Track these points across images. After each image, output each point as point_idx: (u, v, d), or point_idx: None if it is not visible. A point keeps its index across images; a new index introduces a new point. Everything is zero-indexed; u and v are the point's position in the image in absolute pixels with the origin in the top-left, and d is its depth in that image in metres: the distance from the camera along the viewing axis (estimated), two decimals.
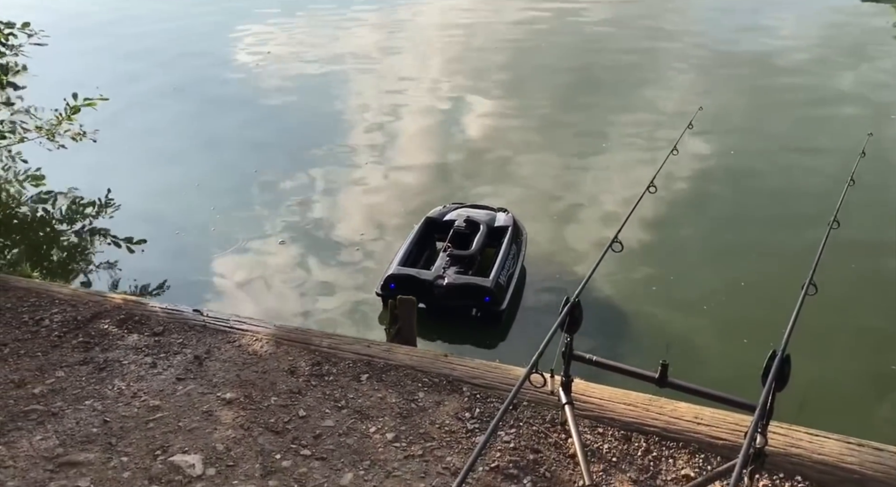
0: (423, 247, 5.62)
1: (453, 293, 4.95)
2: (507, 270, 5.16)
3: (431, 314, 5.00)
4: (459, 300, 4.97)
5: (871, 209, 6.03)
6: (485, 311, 4.97)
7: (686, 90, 9.36)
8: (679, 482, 2.67)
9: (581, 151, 7.68)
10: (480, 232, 5.47)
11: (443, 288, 4.95)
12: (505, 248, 5.29)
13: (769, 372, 2.17)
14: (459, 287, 4.96)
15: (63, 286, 4.46)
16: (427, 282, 4.98)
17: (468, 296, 4.95)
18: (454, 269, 5.14)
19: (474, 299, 4.95)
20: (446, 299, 4.97)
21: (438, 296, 4.95)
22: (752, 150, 7.58)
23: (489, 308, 4.94)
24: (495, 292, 4.92)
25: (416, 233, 5.58)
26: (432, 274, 5.05)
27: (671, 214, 6.26)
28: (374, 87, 9.77)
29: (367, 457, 2.81)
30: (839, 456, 2.68)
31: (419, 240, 5.56)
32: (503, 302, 4.97)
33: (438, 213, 5.81)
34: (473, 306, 4.98)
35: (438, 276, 5.02)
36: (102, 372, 3.37)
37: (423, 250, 5.60)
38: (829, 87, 9.27)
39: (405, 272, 5.09)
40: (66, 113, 5.69)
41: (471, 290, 4.95)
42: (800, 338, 2.38)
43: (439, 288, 4.95)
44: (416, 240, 5.52)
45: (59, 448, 2.88)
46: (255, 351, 3.52)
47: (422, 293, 4.90)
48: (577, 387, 2.94)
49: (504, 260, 5.19)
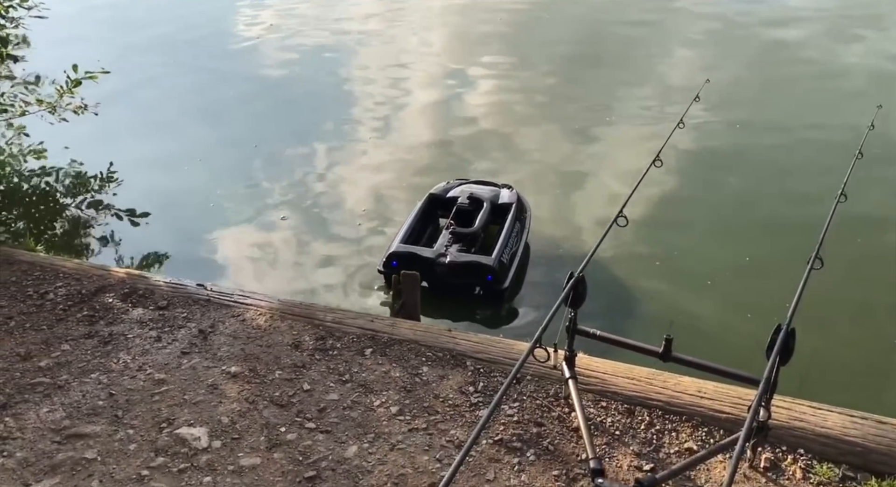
0: (426, 224, 5.57)
1: (455, 271, 4.91)
2: (509, 248, 5.11)
3: (434, 292, 4.98)
4: (461, 278, 4.94)
5: (880, 182, 5.98)
6: (487, 290, 4.94)
7: (693, 62, 9.24)
8: (682, 455, 2.68)
9: (586, 125, 7.60)
10: (484, 209, 5.41)
11: (444, 266, 4.91)
12: (508, 226, 5.23)
13: (773, 346, 2.17)
14: (461, 265, 4.92)
15: (67, 260, 4.46)
16: (429, 260, 4.93)
17: (470, 275, 4.92)
18: (456, 247, 5.09)
19: (476, 277, 4.91)
20: (448, 277, 4.93)
21: (440, 275, 4.92)
22: (760, 123, 7.49)
23: (491, 286, 4.90)
24: (497, 271, 4.88)
25: (419, 209, 5.53)
26: (434, 252, 5.00)
27: (677, 188, 6.21)
28: (376, 61, 9.66)
29: (372, 430, 2.83)
30: (842, 430, 2.68)
31: (422, 217, 5.50)
32: (505, 280, 4.93)
33: (442, 190, 5.74)
34: (476, 284, 4.95)
35: (440, 254, 4.97)
36: (107, 345, 3.39)
37: (425, 227, 5.55)
38: (840, 59, 9.13)
39: (407, 249, 5.06)
40: (67, 86, 5.64)
41: (473, 269, 4.91)
42: (805, 313, 2.37)
43: (441, 266, 4.91)
44: (419, 216, 5.47)
45: (65, 420, 2.90)
46: (259, 326, 3.53)
47: (424, 271, 4.81)
48: (581, 362, 2.94)
49: (507, 238, 5.14)
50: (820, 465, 2.60)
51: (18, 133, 6.50)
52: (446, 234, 5.21)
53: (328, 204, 6.34)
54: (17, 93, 6.41)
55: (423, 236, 5.47)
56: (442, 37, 10.57)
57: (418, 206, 5.56)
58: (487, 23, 11.10)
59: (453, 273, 4.91)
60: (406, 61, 9.60)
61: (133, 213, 6.07)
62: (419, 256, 4.97)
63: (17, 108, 5.99)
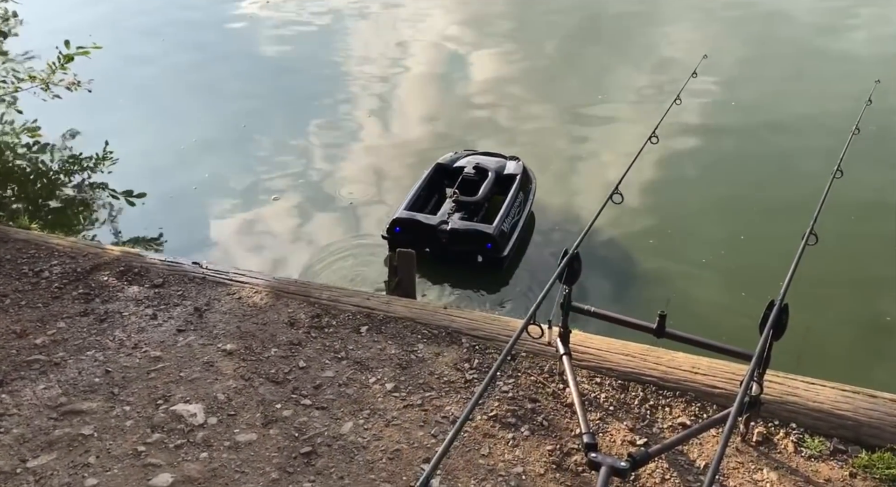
0: (432, 193, 5.67)
1: (456, 238, 5.01)
2: (511, 218, 5.19)
3: (436, 259, 5.09)
4: (462, 245, 5.03)
5: (876, 158, 5.96)
6: (487, 258, 5.02)
7: (691, 38, 9.16)
8: (675, 429, 2.70)
9: (584, 102, 7.56)
10: (488, 179, 5.51)
11: (446, 233, 5.01)
12: (511, 196, 5.31)
13: (767, 322, 2.18)
14: (462, 232, 5.01)
15: (62, 238, 4.44)
16: (431, 227, 5.04)
17: (471, 242, 5.01)
18: (459, 215, 5.18)
19: (477, 245, 4.99)
20: (449, 244, 5.03)
21: (441, 241, 5.02)
22: (757, 99, 7.45)
23: (491, 254, 4.99)
24: (497, 239, 4.96)
25: (426, 177, 5.62)
26: (437, 220, 5.10)
27: (673, 165, 6.19)
28: (374, 39, 9.56)
29: (367, 407, 2.85)
30: (834, 404, 2.70)
31: (428, 186, 5.60)
32: (505, 249, 5.02)
33: (449, 159, 5.84)
34: (476, 252, 5.03)
35: (442, 221, 5.07)
36: (103, 323, 3.39)
37: (431, 195, 5.65)
38: (840, 33, 9.06)
39: (410, 216, 5.15)
40: (59, 61, 5.58)
41: (473, 236, 5.00)
42: (800, 289, 2.38)
43: (443, 233, 5.01)
44: (425, 184, 5.57)
45: (62, 397, 2.91)
46: (254, 304, 3.53)
47: (426, 237, 5.03)
48: (576, 338, 2.95)
49: (509, 207, 5.22)
50: (811, 439, 2.63)
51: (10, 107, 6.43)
52: (449, 203, 5.31)
53: (324, 182, 6.31)
54: (10, 69, 6.34)
55: (429, 204, 5.57)
56: (440, 13, 10.44)
57: (425, 175, 5.65)
58: (487, 2, 10.98)
59: (454, 240, 5.01)
60: (403, 38, 9.51)
61: (129, 194, 6.04)
62: (422, 223, 5.08)
63: (11, 85, 5.94)
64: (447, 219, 5.09)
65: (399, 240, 5.08)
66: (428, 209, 5.46)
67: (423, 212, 5.33)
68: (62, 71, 5.61)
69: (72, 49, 5.44)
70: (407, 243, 5.06)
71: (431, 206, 5.54)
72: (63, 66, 5.56)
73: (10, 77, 5.97)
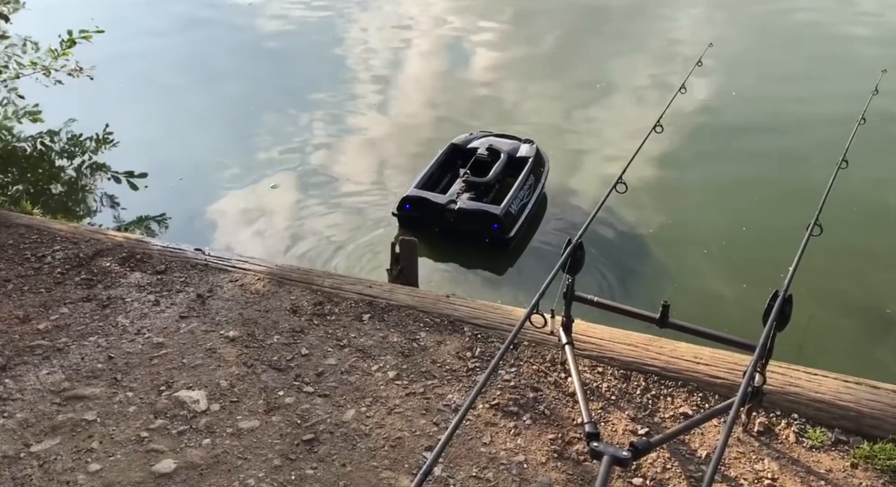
0: (445, 172, 5.74)
1: (463, 218, 5.10)
2: (519, 200, 5.25)
3: (443, 237, 5.19)
4: (469, 225, 5.12)
5: (882, 148, 5.93)
6: (493, 238, 5.09)
7: (697, 25, 9.10)
8: (677, 419, 2.71)
9: (589, 90, 7.52)
10: (500, 160, 5.59)
11: (454, 212, 5.10)
12: (522, 179, 5.37)
13: (770, 313, 2.17)
14: (470, 212, 5.09)
15: (64, 223, 4.44)
16: (439, 206, 5.13)
17: (478, 222, 5.08)
18: (468, 195, 5.26)
19: (483, 225, 5.07)
20: (456, 223, 5.12)
21: (450, 220, 5.11)
22: (763, 88, 7.42)
23: (497, 235, 5.06)
24: (503, 220, 5.03)
25: (439, 157, 5.70)
26: (445, 199, 5.19)
27: (678, 154, 6.17)
28: (376, 24, 9.51)
29: (369, 395, 2.85)
30: (836, 394, 2.70)
31: (441, 165, 5.69)
32: (511, 230, 5.09)
33: (463, 140, 5.91)
34: (483, 232, 5.10)
35: (451, 200, 5.16)
36: (106, 309, 3.39)
37: (444, 174, 5.72)
38: (845, 23, 9.00)
39: (419, 194, 5.24)
40: (61, 47, 5.55)
41: (480, 216, 5.07)
42: (802, 279, 2.37)
43: (450, 212, 5.10)
44: (438, 164, 5.66)
45: (65, 382, 2.92)
46: (257, 290, 3.53)
47: (434, 216, 5.15)
48: (578, 328, 2.95)
49: (518, 189, 5.28)
50: (813, 429, 2.63)
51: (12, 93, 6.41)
52: (460, 182, 5.41)
53: (327, 169, 6.30)
54: (11, 54, 6.31)
55: (441, 184, 5.64)
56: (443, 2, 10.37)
57: (438, 154, 5.73)
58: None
59: (462, 219, 5.11)
60: (406, 25, 9.46)
61: (131, 175, 6.03)
62: (430, 201, 5.18)
63: (12, 71, 5.91)
64: (455, 199, 5.18)
65: (408, 217, 5.23)
66: (439, 188, 5.54)
67: (435, 190, 5.42)
68: (64, 57, 5.58)
69: (74, 34, 5.42)
70: (416, 220, 5.21)
71: (443, 186, 5.61)
72: (65, 52, 5.53)
73: (13, 62, 5.93)
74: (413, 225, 5.29)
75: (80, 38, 5.45)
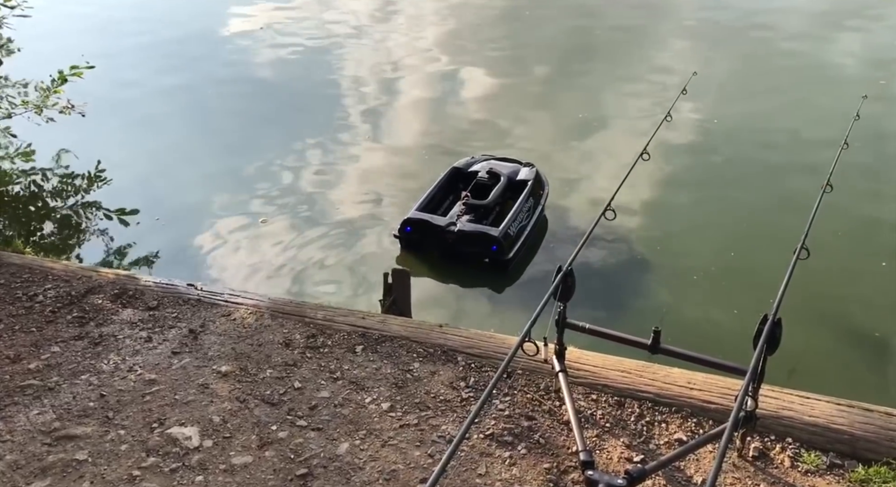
0: (446, 195, 5.86)
1: (463, 240, 5.23)
2: (518, 222, 5.37)
3: (444, 259, 5.31)
4: (469, 246, 5.24)
5: (865, 172, 6.02)
6: (492, 259, 5.20)
7: (682, 55, 9.27)
8: (672, 446, 2.70)
9: (577, 119, 7.62)
10: (500, 183, 5.73)
11: (453, 234, 5.23)
12: (521, 201, 5.50)
13: (760, 336, 2.19)
14: (469, 234, 5.22)
15: (56, 261, 4.44)
16: (439, 228, 5.27)
17: (477, 244, 5.21)
18: (467, 217, 5.39)
19: (482, 247, 5.18)
20: (456, 245, 5.24)
21: (449, 242, 5.24)
22: (747, 115, 7.53)
23: (496, 256, 5.18)
24: (502, 242, 5.15)
25: (441, 180, 5.84)
26: (446, 221, 5.31)
27: (666, 181, 6.24)
28: (368, 59, 9.63)
29: (363, 427, 2.84)
30: (829, 418, 2.71)
31: (443, 188, 5.82)
32: (510, 252, 5.21)
33: (465, 163, 6.06)
34: (482, 254, 5.22)
35: (451, 223, 5.29)
36: (98, 346, 3.38)
37: (445, 197, 5.84)
38: (826, 50, 9.18)
39: (420, 216, 5.37)
40: (53, 84, 5.60)
41: (479, 238, 5.20)
42: (792, 303, 2.39)
43: (450, 233, 5.23)
44: (440, 187, 5.79)
45: (56, 422, 2.89)
46: (249, 324, 3.53)
47: (434, 237, 5.29)
48: (571, 355, 2.95)
49: (517, 212, 5.40)
50: (808, 453, 2.63)
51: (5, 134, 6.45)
52: (460, 205, 5.54)
53: (319, 204, 6.33)
54: (3, 95, 6.36)
55: (442, 206, 5.76)
56: (434, 33, 10.53)
57: (440, 178, 5.87)
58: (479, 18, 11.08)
59: (461, 241, 5.24)
60: (398, 59, 9.59)
61: (122, 212, 6.04)
62: (431, 223, 5.32)
63: (4, 110, 5.95)
64: (455, 221, 5.30)
65: (409, 239, 5.36)
66: (441, 210, 5.66)
67: (436, 213, 5.53)
68: (55, 94, 5.63)
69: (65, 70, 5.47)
70: (417, 242, 5.34)
71: (444, 208, 5.73)
72: (57, 89, 5.58)
73: (5, 101, 5.98)
74: (414, 246, 5.41)
75: (70, 75, 5.50)
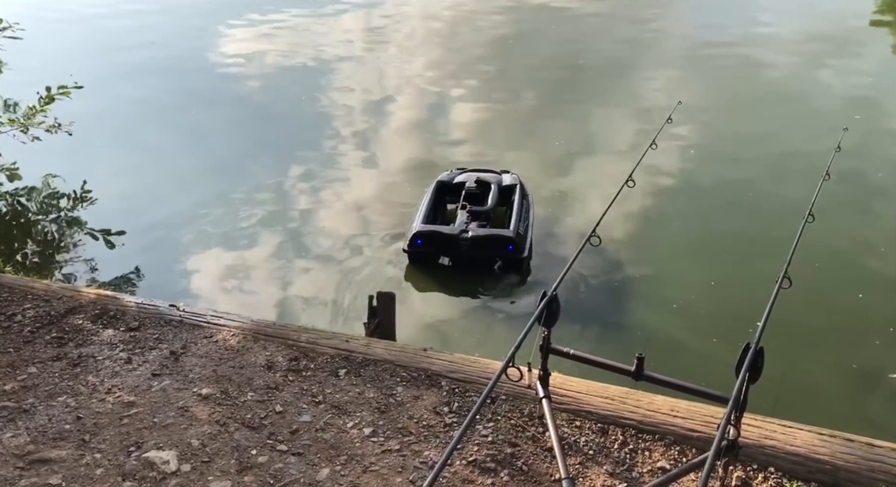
0: (438, 208, 5.94)
1: (478, 244, 5.30)
2: (523, 221, 5.51)
3: (457, 268, 5.39)
4: (484, 251, 5.32)
5: (847, 202, 6.10)
6: (508, 260, 5.34)
7: (667, 84, 9.40)
8: (655, 474, 2.68)
9: (563, 145, 7.69)
10: (493, 190, 5.83)
11: (468, 240, 5.29)
12: (518, 203, 5.65)
13: (743, 365, 2.19)
14: (484, 238, 5.30)
15: (36, 281, 4.38)
16: (452, 236, 5.33)
17: (492, 247, 5.30)
18: (475, 223, 5.47)
19: (498, 249, 5.30)
20: (471, 250, 5.31)
21: (464, 249, 5.30)
22: (730, 145, 7.63)
23: (513, 256, 5.30)
24: (517, 240, 5.28)
25: (431, 194, 5.89)
26: (456, 229, 5.38)
27: (651, 208, 6.29)
28: (359, 83, 9.68)
29: (344, 452, 2.80)
30: (811, 448, 2.71)
31: (434, 201, 5.89)
32: (525, 249, 5.34)
33: (448, 177, 6.12)
34: (497, 256, 5.34)
35: (462, 230, 5.36)
36: (76, 367, 3.33)
37: (437, 210, 5.93)
38: (809, 81, 9.35)
39: (430, 229, 5.42)
40: (39, 103, 5.59)
41: (494, 241, 5.30)
42: (775, 332, 2.40)
43: (464, 240, 5.29)
44: (432, 201, 5.86)
45: (30, 445, 2.83)
46: (231, 347, 3.49)
47: (447, 247, 5.36)
48: (555, 381, 2.94)
49: (519, 212, 5.54)
50: (790, 483, 2.62)
51: None
52: (463, 213, 5.62)
53: (305, 225, 6.32)
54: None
55: (436, 220, 5.83)
56: (423, 59, 10.64)
57: (430, 192, 5.93)
58: (467, 45, 11.21)
59: (476, 246, 5.31)
60: (388, 84, 9.65)
61: (108, 233, 5.99)
62: (442, 233, 5.38)
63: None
64: (466, 228, 5.38)
65: (419, 252, 5.39)
66: (440, 222, 5.74)
67: (436, 224, 5.60)
68: (42, 113, 5.62)
69: (53, 90, 5.46)
70: (427, 255, 5.42)
71: (439, 222, 5.80)
72: (44, 108, 5.57)
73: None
74: (423, 259, 5.46)
75: (58, 94, 5.49)
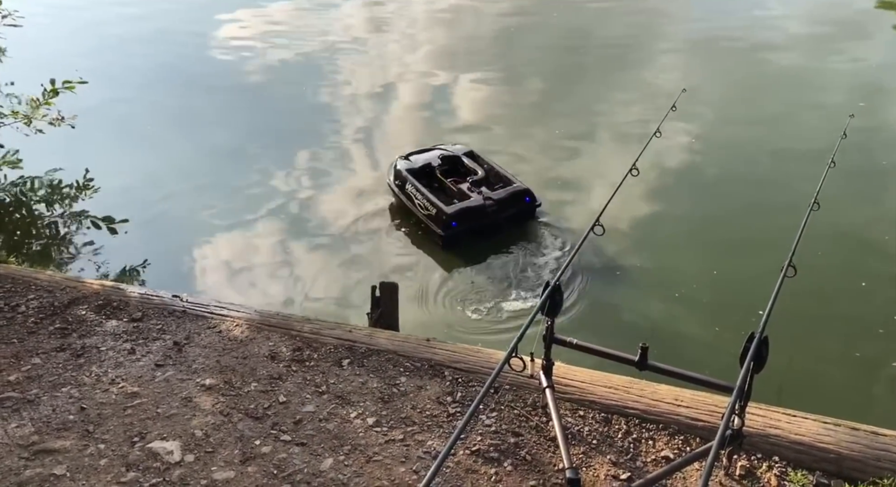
0: (435, 193, 6.01)
1: (504, 205, 5.62)
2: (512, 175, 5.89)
3: (488, 236, 5.59)
4: (508, 209, 5.62)
5: (852, 190, 6.06)
6: (526, 211, 5.71)
7: (672, 72, 9.33)
8: (659, 463, 2.68)
9: (568, 135, 7.65)
10: (465, 161, 6.19)
11: (493, 205, 5.57)
12: (494, 163, 6.07)
13: (747, 354, 2.18)
14: (505, 199, 5.63)
15: (40, 271, 4.39)
16: (480, 207, 5.58)
17: (513, 204, 5.64)
18: (486, 190, 5.75)
19: (518, 204, 5.66)
20: (499, 213, 5.59)
21: (493, 213, 5.56)
22: (736, 132, 7.58)
23: (531, 206, 5.70)
24: (531, 190, 5.72)
25: (413, 184, 5.98)
26: (480, 200, 5.62)
27: (655, 197, 6.26)
28: (361, 72, 9.65)
29: (348, 442, 2.80)
30: (816, 436, 2.70)
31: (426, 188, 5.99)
32: (536, 198, 5.73)
33: (407, 165, 6.21)
34: (518, 211, 5.68)
35: (486, 197, 5.61)
36: (80, 358, 3.33)
37: (436, 195, 5.99)
38: (817, 68, 9.27)
39: (457, 207, 5.59)
40: (43, 97, 5.57)
41: (514, 197, 5.68)
42: (780, 321, 2.39)
43: (491, 207, 5.57)
44: (424, 188, 5.96)
45: (34, 435, 2.84)
46: (235, 337, 3.49)
47: (479, 218, 5.58)
48: (559, 371, 2.93)
49: (503, 169, 5.98)
50: (794, 472, 2.61)
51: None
52: (467, 186, 5.85)
53: (308, 216, 6.31)
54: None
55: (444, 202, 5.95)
56: (427, 48, 10.57)
57: (412, 182, 6.00)
58: (473, 35, 11.14)
59: (502, 207, 5.62)
60: (390, 73, 9.61)
61: (111, 220, 5.99)
62: (471, 208, 5.61)
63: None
64: (484, 196, 5.63)
65: (456, 233, 5.52)
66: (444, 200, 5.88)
67: None
68: (46, 106, 5.60)
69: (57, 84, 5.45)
70: (461, 234, 5.57)
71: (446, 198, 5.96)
72: (47, 101, 5.55)
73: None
74: (458, 241, 5.58)
75: (63, 88, 5.48)
